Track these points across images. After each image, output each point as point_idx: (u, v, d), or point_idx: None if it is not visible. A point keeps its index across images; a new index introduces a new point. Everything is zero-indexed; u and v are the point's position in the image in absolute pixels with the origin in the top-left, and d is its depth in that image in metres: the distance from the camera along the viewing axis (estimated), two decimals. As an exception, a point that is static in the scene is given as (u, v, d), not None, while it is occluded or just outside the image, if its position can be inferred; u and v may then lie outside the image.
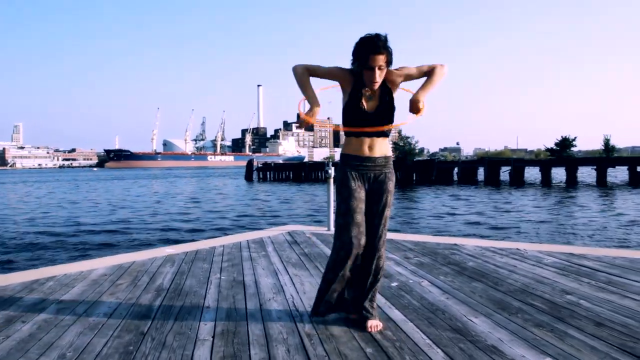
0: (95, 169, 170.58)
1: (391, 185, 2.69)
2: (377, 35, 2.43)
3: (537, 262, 4.21)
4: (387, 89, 2.59)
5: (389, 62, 2.50)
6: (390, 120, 2.59)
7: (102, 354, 2.36)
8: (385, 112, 2.57)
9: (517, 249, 4.81)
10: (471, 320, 2.75)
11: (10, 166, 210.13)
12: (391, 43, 2.48)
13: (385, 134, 2.64)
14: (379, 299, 3.18)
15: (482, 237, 11.62)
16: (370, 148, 2.61)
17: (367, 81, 2.50)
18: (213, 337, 2.57)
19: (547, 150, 45.74)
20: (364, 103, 2.56)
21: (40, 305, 3.17)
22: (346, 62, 2.58)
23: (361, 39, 2.45)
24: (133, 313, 3.01)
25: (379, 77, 2.49)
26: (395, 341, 2.47)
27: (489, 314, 2.86)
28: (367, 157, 2.61)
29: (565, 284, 3.46)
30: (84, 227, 14.78)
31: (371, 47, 2.41)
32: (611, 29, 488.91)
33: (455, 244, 5.10)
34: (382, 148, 2.64)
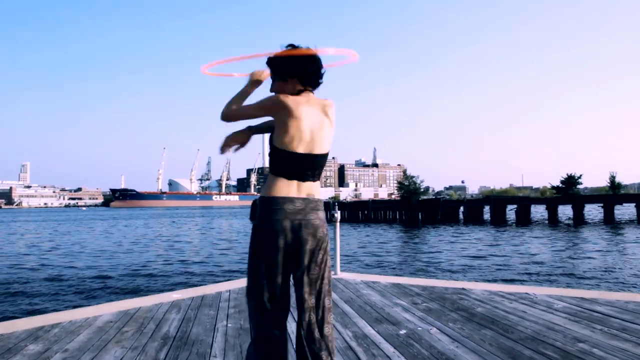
0: (84, 208, 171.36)
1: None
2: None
3: (548, 307, 4.16)
4: None
5: None
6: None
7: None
8: None
9: (527, 293, 4.75)
10: (482, 371, 2.70)
11: (17, 205, 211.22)
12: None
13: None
14: (387, 348, 3.14)
15: (490, 280, 11.48)
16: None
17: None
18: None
19: (553, 188, 45.76)
20: None
21: (45, 354, 3.14)
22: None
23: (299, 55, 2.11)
24: (139, 363, 2.97)
25: None
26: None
27: (500, 364, 2.81)
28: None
29: (577, 331, 3.40)
30: (76, 271, 14.72)
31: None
32: (617, 64, 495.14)
33: (464, 289, 5.04)
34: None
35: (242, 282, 5.73)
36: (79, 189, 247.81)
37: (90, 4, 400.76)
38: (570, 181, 43.52)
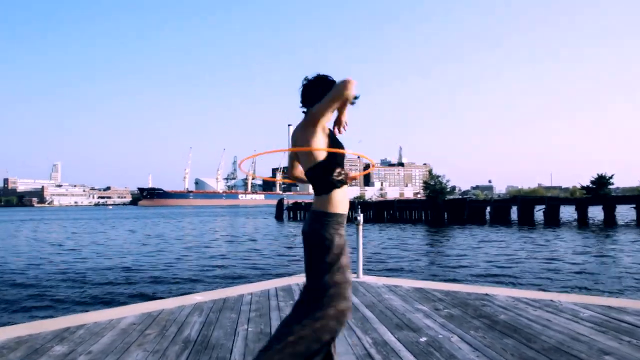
0: (110, 207, 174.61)
1: None
2: None
3: (573, 315, 4.07)
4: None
5: None
6: None
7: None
8: None
9: (552, 300, 4.65)
10: (503, 383, 2.66)
11: (49, 203, 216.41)
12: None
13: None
14: (407, 357, 3.12)
15: (514, 285, 11.27)
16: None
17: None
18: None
19: (583, 188, 44.76)
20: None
21: (70, 356, 3.21)
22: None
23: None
24: (160, 367, 3.01)
25: None
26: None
27: (521, 375, 2.76)
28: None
29: (603, 342, 3.32)
30: (102, 270, 14.99)
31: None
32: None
33: (487, 294, 4.97)
34: None
35: (263, 285, 5.76)
36: (108, 188, 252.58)
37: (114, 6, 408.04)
38: (601, 181, 42.49)
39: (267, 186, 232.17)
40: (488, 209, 43.52)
